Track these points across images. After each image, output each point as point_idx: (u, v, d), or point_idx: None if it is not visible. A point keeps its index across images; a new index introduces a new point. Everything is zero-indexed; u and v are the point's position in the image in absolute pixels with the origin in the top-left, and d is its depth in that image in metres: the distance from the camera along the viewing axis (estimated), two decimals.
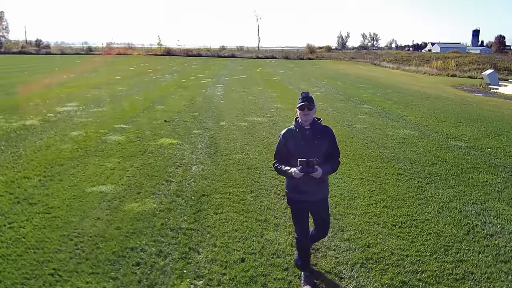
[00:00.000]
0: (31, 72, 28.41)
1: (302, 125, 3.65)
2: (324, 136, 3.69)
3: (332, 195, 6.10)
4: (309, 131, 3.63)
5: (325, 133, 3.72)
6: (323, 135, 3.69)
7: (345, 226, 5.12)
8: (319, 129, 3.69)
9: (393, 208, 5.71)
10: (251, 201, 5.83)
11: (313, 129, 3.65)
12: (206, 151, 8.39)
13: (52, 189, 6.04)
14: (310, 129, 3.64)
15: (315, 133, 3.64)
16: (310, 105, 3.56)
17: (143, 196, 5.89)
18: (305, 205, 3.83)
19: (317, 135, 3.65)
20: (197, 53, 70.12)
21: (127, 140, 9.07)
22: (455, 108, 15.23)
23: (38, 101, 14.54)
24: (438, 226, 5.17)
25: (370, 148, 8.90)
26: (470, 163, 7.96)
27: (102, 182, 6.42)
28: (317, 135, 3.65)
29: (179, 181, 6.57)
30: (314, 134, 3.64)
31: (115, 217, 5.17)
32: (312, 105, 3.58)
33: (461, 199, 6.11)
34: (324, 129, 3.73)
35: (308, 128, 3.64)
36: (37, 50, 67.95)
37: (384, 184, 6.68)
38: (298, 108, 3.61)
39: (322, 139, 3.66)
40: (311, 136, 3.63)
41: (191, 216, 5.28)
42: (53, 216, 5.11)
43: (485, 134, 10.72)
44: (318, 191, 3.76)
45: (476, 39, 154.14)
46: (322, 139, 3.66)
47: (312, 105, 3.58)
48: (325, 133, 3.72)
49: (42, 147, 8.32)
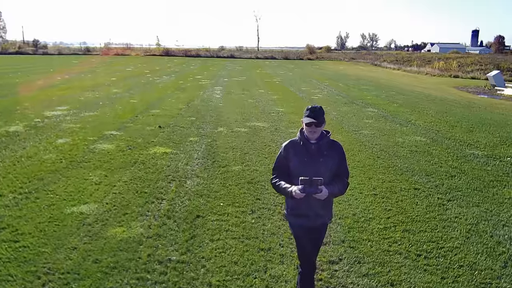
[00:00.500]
0: (25, 73, 27.64)
1: (308, 139, 3.13)
2: (332, 153, 3.17)
3: (344, 216, 5.40)
4: (314, 146, 3.12)
5: (334, 149, 3.20)
6: (331, 152, 3.17)
7: (362, 257, 4.40)
8: (327, 145, 3.16)
9: (415, 233, 4.99)
10: (253, 224, 5.12)
11: (320, 144, 3.13)
12: (203, 161, 7.67)
13: (26, 209, 5.31)
14: (316, 144, 3.12)
15: (321, 149, 3.13)
16: (319, 123, 3.04)
17: (129, 218, 5.16)
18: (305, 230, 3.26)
19: (324, 151, 3.14)
20: (196, 53, 69.31)
21: (117, 149, 8.34)
22: (464, 112, 14.53)
23: (27, 104, 13.79)
24: (470, 256, 4.46)
25: (380, 158, 8.19)
26: (491, 175, 7.26)
27: (84, 200, 5.70)
28: (323, 151, 3.13)
29: (172, 198, 5.85)
30: (320, 150, 3.13)
31: (94, 246, 4.44)
32: (321, 122, 3.06)
33: (489, 220, 5.40)
34: (332, 144, 3.21)
35: (314, 143, 3.13)
36: (34, 50, 67.05)
37: (400, 202, 5.97)
38: (304, 123, 3.07)
39: (329, 156, 3.15)
40: (317, 152, 3.12)
41: (183, 244, 4.56)
42: (21, 246, 4.38)
43: (501, 140, 10.02)
44: (320, 215, 3.22)
45: (476, 39, 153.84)
46: (329, 156, 3.15)
47: (322, 121, 3.07)
48: (333, 150, 3.20)
49: (23, 158, 7.59)
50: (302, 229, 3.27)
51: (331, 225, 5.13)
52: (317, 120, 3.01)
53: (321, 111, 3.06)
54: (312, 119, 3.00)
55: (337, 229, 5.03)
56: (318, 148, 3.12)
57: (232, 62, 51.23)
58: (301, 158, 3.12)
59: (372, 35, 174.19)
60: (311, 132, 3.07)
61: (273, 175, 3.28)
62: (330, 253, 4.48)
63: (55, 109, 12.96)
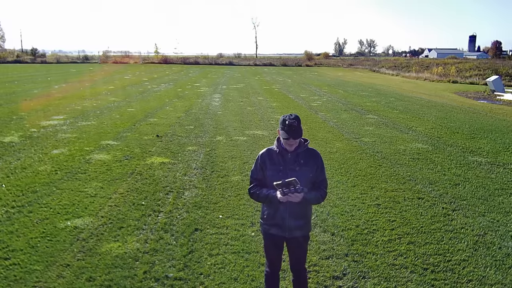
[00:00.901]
0: (22, 82, 27.51)
1: (284, 147, 3.07)
2: (310, 161, 3.11)
3: (346, 227, 5.23)
4: (291, 155, 3.07)
5: (311, 158, 3.13)
6: (309, 161, 3.10)
7: (366, 271, 4.23)
8: (304, 153, 3.10)
9: (420, 245, 4.83)
10: (253, 237, 4.94)
11: (297, 153, 3.07)
12: (201, 171, 7.51)
13: (18, 224, 5.14)
14: (294, 152, 3.07)
15: (298, 158, 3.08)
16: (295, 137, 2.97)
17: (125, 233, 4.99)
18: (279, 240, 3.26)
19: (301, 159, 3.07)
20: (194, 61, 69.32)
21: (114, 160, 8.18)
22: (464, 117, 14.41)
23: (23, 113, 13.65)
24: (478, 270, 4.30)
25: (382, 166, 8.03)
26: (496, 183, 7.11)
27: (78, 213, 5.52)
28: (300, 160, 3.07)
29: (169, 211, 5.68)
30: (297, 159, 3.08)
31: (88, 262, 4.27)
32: (298, 136, 2.98)
33: (496, 231, 5.24)
34: (310, 153, 3.14)
35: (291, 151, 3.07)
36: (32, 59, 66.96)
37: (404, 212, 5.81)
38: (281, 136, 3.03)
39: (307, 165, 3.08)
40: (293, 161, 3.07)
41: (180, 259, 4.39)
42: (12, 263, 4.21)
43: (504, 147, 9.88)
44: (297, 226, 3.16)
45: (473, 44, 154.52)
46: (307, 165, 3.08)
47: (299, 135, 2.98)
48: (311, 159, 3.13)
49: (17, 169, 7.42)
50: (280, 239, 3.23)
51: (334, 237, 4.98)
52: (293, 137, 2.95)
53: (297, 127, 2.95)
54: (287, 135, 2.94)
55: (340, 242, 4.87)
56: (295, 157, 3.06)
57: (230, 69, 51.22)
58: (277, 167, 3.06)
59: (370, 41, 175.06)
60: (289, 144, 3.02)
61: (250, 184, 3.21)
62: (333, 267, 4.31)
63: (51, 119, 12.81)
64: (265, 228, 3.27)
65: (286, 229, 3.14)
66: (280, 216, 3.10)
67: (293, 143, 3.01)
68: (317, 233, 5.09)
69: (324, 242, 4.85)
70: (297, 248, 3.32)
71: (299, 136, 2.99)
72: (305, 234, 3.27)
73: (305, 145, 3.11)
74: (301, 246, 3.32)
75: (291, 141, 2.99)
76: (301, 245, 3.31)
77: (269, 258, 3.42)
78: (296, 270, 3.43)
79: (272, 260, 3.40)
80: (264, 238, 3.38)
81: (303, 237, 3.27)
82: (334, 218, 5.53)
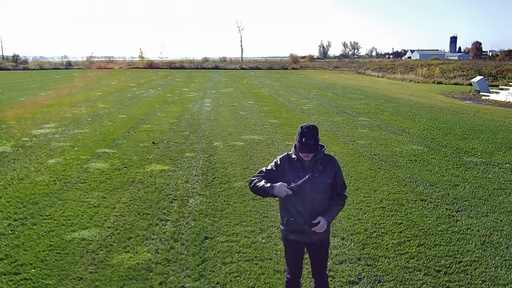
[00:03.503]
0: (6, 89, 26.98)
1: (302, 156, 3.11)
2: (327, 167, 3.16)
3: (355, 231, 5.27)
4: (309, 162, 3.12)
5: (329, 164, 3.18)
6: (326, 166, 3.15)
7: (381, 275, 4.27)
8: (322, 160, 3.16)
9: (430, 247, 4.89)
10: (264, 244, 4.94)
11: (315, 160, 3.12)
12: (203, 178, 7.47)
13: (24, 237, 5.03)
14: (311, 159, 3.11)
15: (316, 164, 3.13)
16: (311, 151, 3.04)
17: (135, 243, 4.93)
18: (300, 246, 3.29)
19: (319, 166, 3.12)
20: (180, 65, 69.00)
21: (112, 168, 8.07)
22: (454, 118, 14.67)
23: (12, 122, 13.38)
24: (490, 271, 4.37)
25: (382, 169, 8.12)
26: (494, 183, 7.25)
27: (84, 224, 5.43)
28: (318, 167, 3.12)
29: (176, 219, 5.63)
30: (316, 165, 3.12)
31: (101, 275, 4.20)
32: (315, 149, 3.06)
33: (502, 231, 5.34)
34: (327, 159, 3.20)
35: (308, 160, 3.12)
36: (14, 65, 65.72)
37: (410, 214, 5.88)
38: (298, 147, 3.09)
39: (324, 172, 3.13)
40: (312, 167, 3.11)
41: (195, 269, 4.35)
42: (23, 278, 4.11)
43: (496, 147, 10.09)
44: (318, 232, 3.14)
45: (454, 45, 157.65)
46: (324, 172, 3.13)
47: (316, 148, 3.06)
48: (329, 164, 3.18)
49: (14, 180, 7.27)
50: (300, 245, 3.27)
51: (345, 242, 5.00)
52: (311, 147, 3.01)
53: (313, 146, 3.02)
54: (305, 148, 3.01)
55: (351, 246, 4.89)
56: (314, 164, 3.11)
57: (217, 74, 51.15)
58: (296, 173, 3.10)
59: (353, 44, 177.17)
60: (306, 156, 3.07)
61: (256, 174, 3.21)
62: (348, 272, 4.33)
63: (42, 127, 12.59)
64: (285, 234, 3.28)
65: (307, 234, 3.15)
66: (300, 221, 3.12)
67: (309, 154, 3.06)
68: None
69: (335, 247, 4.86)
70: (318, 252, 3.34)
71: (316, 148, 3.06)
72: (325, 238, 3.30)
73: (322, 151, 3.14)
74: (322, 250, 3.34)
75: (305, 155, 3.06)
76: (322, 249, 3.34)
77: (289, 264, 3.42)
78: (318, 277, 3.44)
79: (293, 266, 3.40)
80: (284, 244, 3.38)
81: (324, 241, 3.30)
82: (341, 223, 5.56)
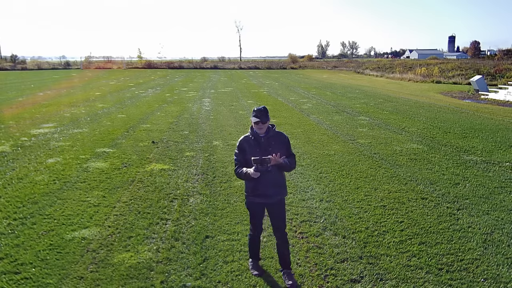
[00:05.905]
0: (5, 89, 26.92)
1: (257, 133, 3.87)
2: (279, 142, 3.90)
3: (356, 230, 5.26)
4: (264, 139, 3.86)
5: (280, 138, 3.95)
6: (278, 142, 3.90)
7: (383, 273, 4.25)
8: (274, 136, 3.91)
9: (432, 245, 4.88)
10: (265, 242, 4.92)
11: (268, 137, 3.88)
12: (203, 177, 7.45)
13: (24, 237, 5.00)
14: (265, 136, 3.87)
15: (269, 140, 3.87)
16: (264, 120, 3.78)
17: (136, 242, 4.91)
18: (262, 207, 4.09)
19: (272, 141, 3.87)
20: (179, 65, 68.94)
21: (112, 167, 8.05)
22: (454, 117, 14.68)
23: (11, 122, 13.34)
24: (491, 269, 4.36)
25: (382, 167, 8.11)
26: (495, 182, 7.25)
27: (84, 224, 5.41)
28: (271, 142, 3.86)
29: (176, 218, 5.62)
30: (269, 141, 3.87)
31: (102, 274, 4.18)
32: (266, 120, 3.79)
33: (503, 229, 5.33)
34: (278, 135, 3.95)
35: (263, 136, 3.87)
36: (12, 65, 65.59)
37: (411, 213, 5.87)
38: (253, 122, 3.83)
39: (277, 145, 3.85)
40: (266, 143, 3.85)
41: (196, 268, 4.34)
42: (23, 278, 4.09)
43: (495, 146, 10.09)
44: (276, 193, 3.98)
45: (452, 45, 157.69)
46: (277, 145, 3.85)
47: (267, 119, 3.80)
48: (280, 139, 3.94)
49: (13, 180, 7.24)
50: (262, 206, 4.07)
51: (346, 240, 4.99)
52: (261, 119, 3.76)
53: (264, 111, 3.78)
54: (258, 118, 3.75)
55: (353, 245, 4.88)
56: (267, 140, 3.86)
57: (216, 73, 51.12)
58: (253, 150, 3.82)
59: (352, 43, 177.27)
60: (259, 128, 3.82)
61: (235, 166, 3.94)
62: (350, 270, 4.32)
63: (41, 127, 12.56)
64: (251, 199, 4.02)
65: (268, 196, 3.93)
66: (263, 186, 3.85)
67: (262, 126, 3.79)
68: (328, 236, 5.10)
69: (336, 245, 4.85)
70: (278, 210, 4.06)
71: (266, 120, 3.76)
72: (282, 197, 4.07)
73: (273, 130, 3.89)
74: (281, 208, 4.09)
75: (260, 125, 3.78)
76: (281, 207, 4.09)
77: (254, 223, 4.17)
78: (278, 234, 4.11)
79: (256, 225, 4.18)
80: (249, 209, 4.16)
81: (282, 200, 4.08)
82: (342, 221, 5.55)
